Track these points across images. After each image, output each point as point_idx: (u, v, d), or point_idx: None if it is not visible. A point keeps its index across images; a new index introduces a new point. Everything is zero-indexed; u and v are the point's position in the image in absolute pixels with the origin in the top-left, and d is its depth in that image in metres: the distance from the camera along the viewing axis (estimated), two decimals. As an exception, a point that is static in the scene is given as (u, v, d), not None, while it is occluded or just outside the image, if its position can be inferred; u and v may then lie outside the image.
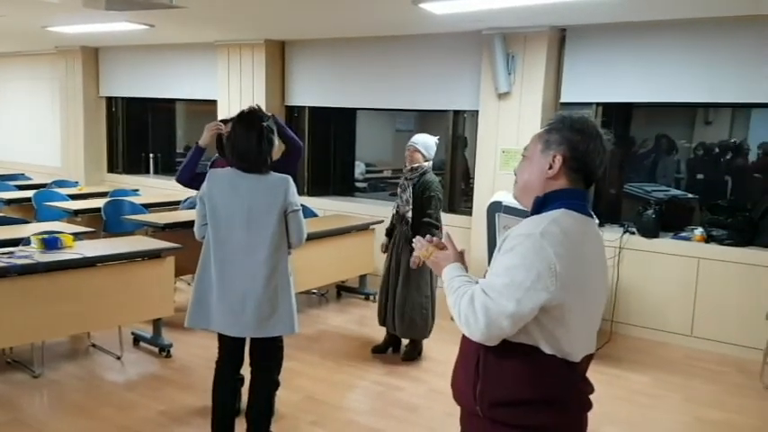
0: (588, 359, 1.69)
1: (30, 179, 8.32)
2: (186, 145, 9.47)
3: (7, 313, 3.75)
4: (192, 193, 6.78)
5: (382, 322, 4.59)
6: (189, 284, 5.98)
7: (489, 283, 1.56)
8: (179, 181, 3.53)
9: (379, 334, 4.77)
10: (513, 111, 5.54)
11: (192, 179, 3.45)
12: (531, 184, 1.69)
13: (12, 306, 3.77)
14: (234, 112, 3.42)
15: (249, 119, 3.02)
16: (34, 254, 3.96)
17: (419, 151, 4.36)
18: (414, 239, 1.88)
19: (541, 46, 5.38)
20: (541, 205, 1.65)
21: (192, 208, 6.35)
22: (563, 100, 5.51)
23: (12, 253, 3.94)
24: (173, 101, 8.93)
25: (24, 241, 4.25)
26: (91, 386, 4.02)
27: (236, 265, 2.96)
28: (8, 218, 5.39)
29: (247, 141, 2.94)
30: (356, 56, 6.71)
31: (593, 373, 1.75)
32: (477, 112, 5.86)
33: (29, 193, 6.82)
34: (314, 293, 6.11)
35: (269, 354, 3.20)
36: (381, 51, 6.52)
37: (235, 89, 7.25)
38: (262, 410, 3.19)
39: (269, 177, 3.00)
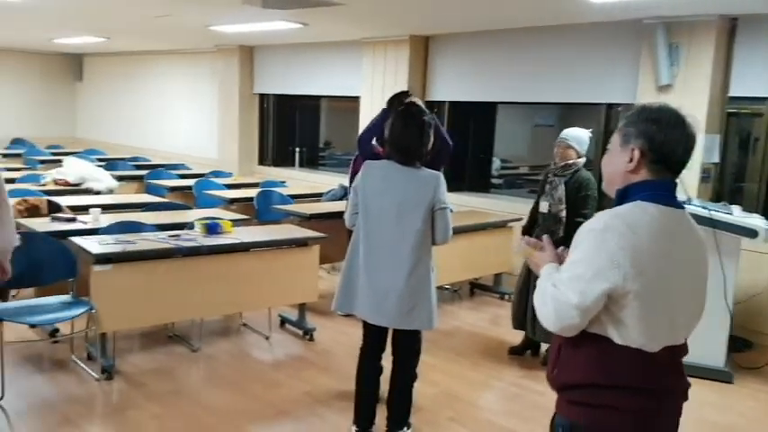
0: (672, 350, 1.68)
1: (189, 169, 9.03)
2: (326, 141, 9.83)
3: (172, 291, 4.08)
4: (334, 185, 7.09)
5: (518, 325, 4.44)
6: (328, 273, 6.22)
7: (558, 278, 1.66)
8: (359, 139, 3.70)
9: (514, 334, 4.65)
10: (673, 104, 5.14)
11: (369, 143, 3.56)
12: (613, 178, 1.72)
13: (176, 284, 4.09)
14: (376, 109, 3.50)
15: (411, 112, 3.06)
16: (198, 237, 4.28)
17: (572, 147, 4.15)
18: (521, 239, 1.93)
19: (709, 36, 4.96)
20: (621, 198, 1.68)
21: (334, 200, 6.62)
22: (732, 94, 5.08)
23: (178, 236, 4.29)
24: (318, 98, 9.30)
25: (189, 225, 4.61)
26: (242, 363, 4.28)
27: (381, 256, 3.01)
28: (173, 203, 5.89)
29: (409, 134, 2.98)
30: (500, 49, 6.59)
31: (755, 392, 1.59)
32: (632, 105, 5.52)
33: (189, 182, 7.41)
34: (446, 289, 6.08)
35: (408, 346, 3.22)
36: (527, 43, 6.34)
37: (378, 85, 7.39)
38: (401, 400, 3.23)
39: (421, 172, 3.02)
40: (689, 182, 4.78)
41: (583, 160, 4.20)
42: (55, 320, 3.85)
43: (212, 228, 4.40)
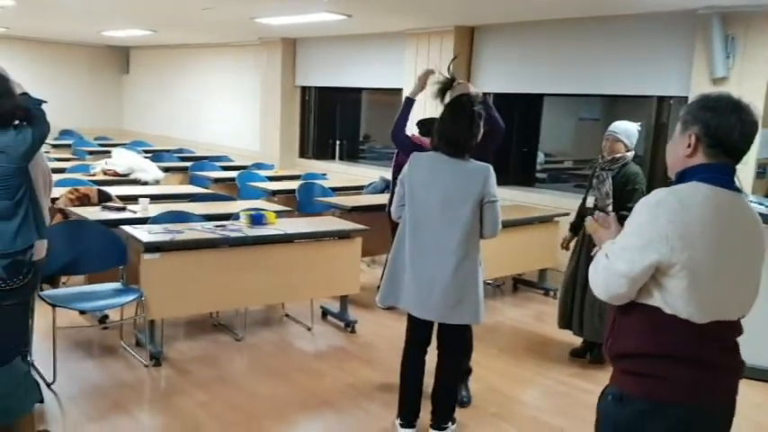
0: (723, 325, 1.71)
1: (232, 161, 9.15)
2: (365, 134, 9.83)
3: (217, 280, 4.12)
4: (374, 178, 7.08)
5: (565, 324, 4.35)
6: (368, 266, 6.22)
7: (610, 248, 1.74)
8: (393, 135, 3.56)
9: (560, 332, 4.56)
10: (731, 95, 4.98)
11: (403, 133, 3.52)
12: (674, 164, 1.79)
13: (221, 274, 4.13)
14: (419, 102, 3.47)
15: (461, 103, 3.02)
16: (243, 228, 4.32)
17: (621, 140, 4.04)
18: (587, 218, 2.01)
19: (766, 27, 4.77)
20: (679, 181, 1.75)
21: (375, 193, 6.62)
22: (790, 87, 4.87)
23: (224, 226, 4.33)
24: (359, 90, 9.29)
25: (234, 216, 4.65)
26: (284, 352, 4.31)
27: (427, 249, 2.98)
28: (218, 194, 5.96)
29: (458, 126, 2.94)
30: (546, 40, 6.47)
31: None
32: (685, 98, 5.37)
33: (232, 174, 7.50)
34: (489, 284, 6.01)
35: (453, 340, 3.19)
36: (573, 34, 6.21)
37: (421, 78, 7.34)
38: (445, 396, 3.20)
39: (469, 164, 2.97)
40: (744, 178, 4.61)
41: (631, 154, 4.09)
42: (105, 307, 3.94)
43: (257, 219, 4.43)
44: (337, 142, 9.42)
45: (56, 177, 5.92)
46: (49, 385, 3.54)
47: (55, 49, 12.01)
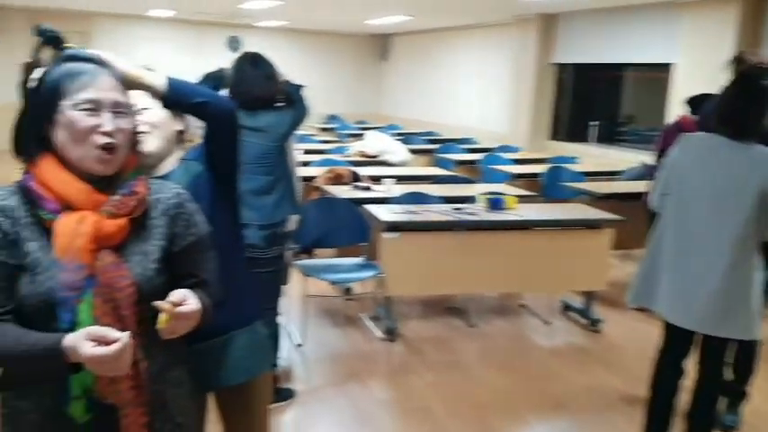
0: None
1: (477, 143, 9.10)
2: (628, 114, 9.00)
3: (452, 263, 4.07)
4: (633, 163, 6.41)
5: None
6: (621, 261, 5.66)
7: None
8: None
9: None
10: None
11: None
12: None
13: (457, 257, 4.07)
14: (697, 80, 2.93)
15: (749, 77, 2.50)
16: (480, 212, 4.20)
17: None
18: None
19: None
20: None
21: (633, 179, 5.98)
22: None
23: (461, 209, 4.26)
24: (620, 68, 8.54)
25: (472, 199, 4.55)
26: (519, 345, 4.11)
27: (695, 246, 2.52)
28: (459, 177, 5.93)
29: (741, 104, 2.44)
30: None
31: None
32: None
33: (476, 156, 7.44)
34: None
35: (716, 354, 2.68)
36: None
37: (699, 53, 6.43)
38: (702, 417, 2.71)
39: (753, 149, 2.44)
40: None
41: None
42: (347, 280, 4.14)
43: (495, 203, 4.28)
44: (593, 124, 8.79)
45: (317, 158, 6.50)
46: (298, 346, 3.84)
47: (322, 39, 13.15)
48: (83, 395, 1.24)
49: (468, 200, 4.60)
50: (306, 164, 5.97)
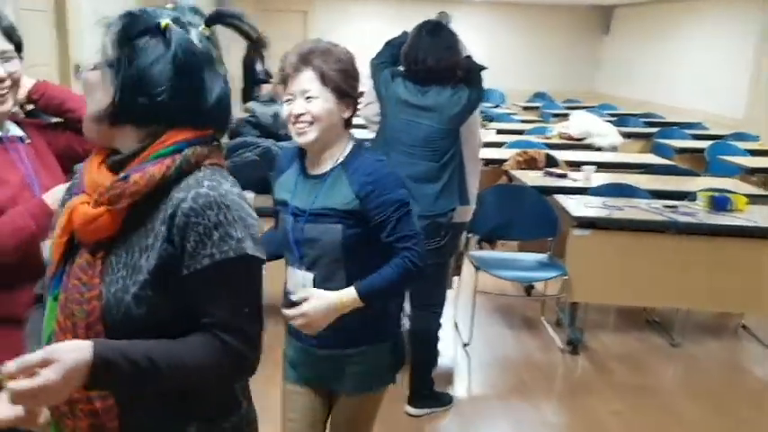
0: None
1: (706, 129, 7.91)
2: None
3: (656, 271, 3.48)
4: None
5: None
6: None
7: None
8: None
9: None
10: None
11: None
12: None
13: (663, 264, 3.47)
14: None
15: None
16: (699, 212, 3.55)
17: None
18: None
19: None
20: None
21: None
22: None
23: (675, 207, 3.61)
24: None
25: (690, 196, 3.85)
26: (731, 374, 3.44)
27: None
28: (678, 168, 5.10)
29: None
30: None
31: None
32: None
33: (703, 144, 6.42)
34: None
35: None
36: None
37: None
38: None
39: None
40: None
41: None
42: (526, 279, 3.77)
43: (720, 202, 3.58)
44: None
45: (511, 138, 6.05)
46: (464, 345, 3.56)
47: (532, 12, 12.36)
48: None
49: (686, 196, 3.89)
50: (499, 145, 5.59)
